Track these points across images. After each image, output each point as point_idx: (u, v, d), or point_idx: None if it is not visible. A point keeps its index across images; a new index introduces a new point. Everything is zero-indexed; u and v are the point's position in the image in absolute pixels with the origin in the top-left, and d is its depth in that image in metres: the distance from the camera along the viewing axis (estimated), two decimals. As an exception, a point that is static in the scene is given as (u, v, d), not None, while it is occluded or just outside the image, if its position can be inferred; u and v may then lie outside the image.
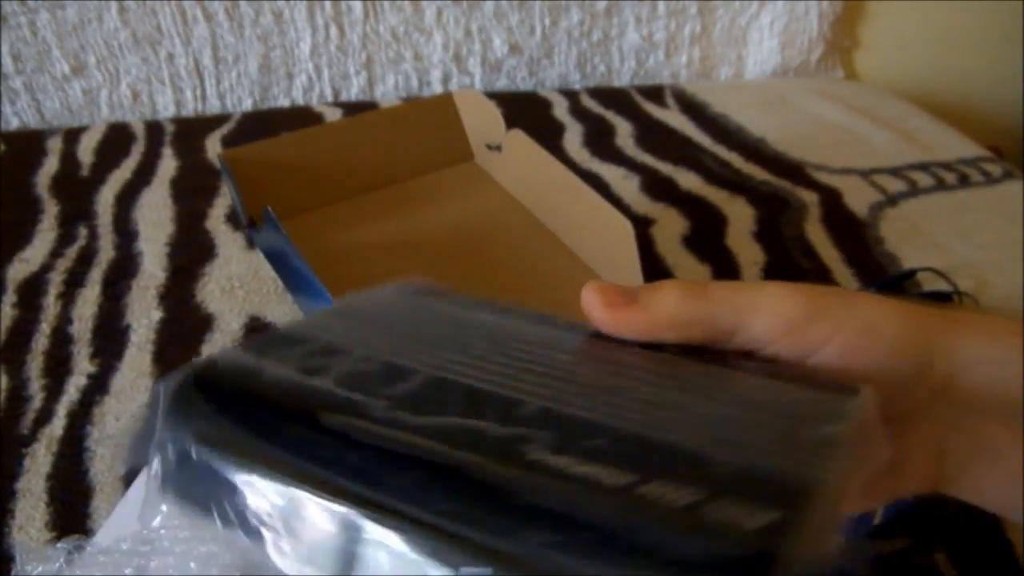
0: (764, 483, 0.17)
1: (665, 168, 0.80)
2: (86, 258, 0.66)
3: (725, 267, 0.66)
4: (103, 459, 0.48)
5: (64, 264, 0.65)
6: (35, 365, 0.55)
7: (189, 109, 0.95)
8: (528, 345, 0.23)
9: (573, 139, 0.86)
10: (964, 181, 0.80)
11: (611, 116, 0.92)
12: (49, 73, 0.90)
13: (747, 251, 0.68)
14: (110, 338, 0.57)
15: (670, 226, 0.71)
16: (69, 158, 0.81)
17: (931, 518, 0.40)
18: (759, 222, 0.72)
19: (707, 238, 0.69)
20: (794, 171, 0.81)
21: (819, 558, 0.17)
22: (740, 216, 0.73)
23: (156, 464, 0.20)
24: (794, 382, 0.21)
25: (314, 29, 0.93)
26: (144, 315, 0.59)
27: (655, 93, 0.99)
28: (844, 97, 0.99)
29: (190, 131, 0.87)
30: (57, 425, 0.50)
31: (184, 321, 0.59)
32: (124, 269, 0.64)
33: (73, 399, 0.52)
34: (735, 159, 0.83)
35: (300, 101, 0.97)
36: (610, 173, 0.79)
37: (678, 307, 0.23)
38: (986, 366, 0.23)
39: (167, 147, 0.84)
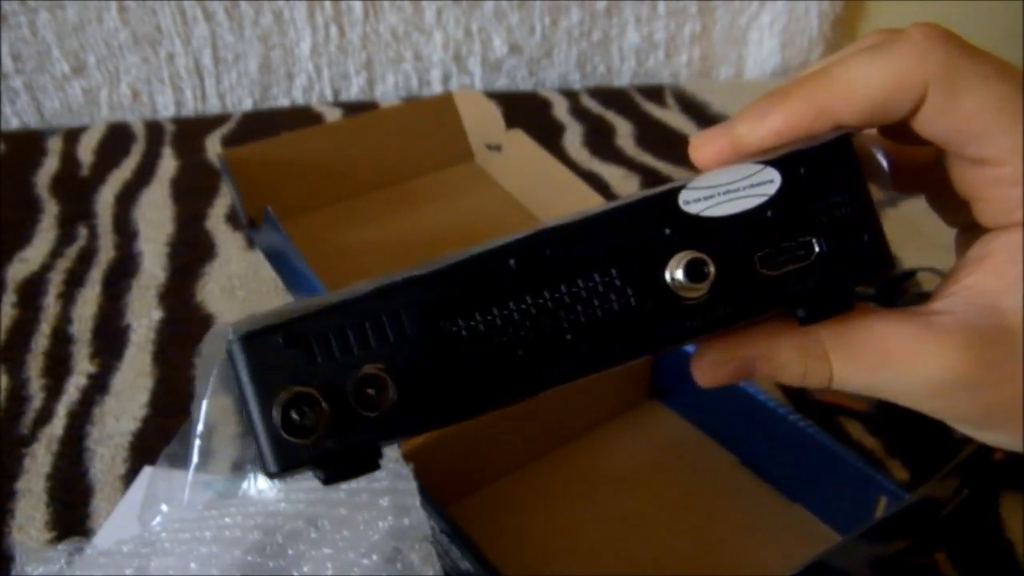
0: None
1: (665, 168, 0.80)
2: (86, 258, 0.66)
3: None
4: (103, 459, 0.48)
5: (64, 264, 0.65)
6: (35, 365, 0.55)
7: (189, 109, 0.95)
8: None
9: (573, 139, 0.86)
10: (964, 181, 0.80)
11: (611, 116, 0.92)
12: (49, 73, 0.90)
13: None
14: (110, 338, 0.57)
15: (670, 226, 0.71)
16: (69, 158, 0.81)
17: (931, 518, 0.40)
18: (759, 222, 0.72)
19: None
20: (794, 171, 0.81)
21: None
22: (740, 216, 0.73)
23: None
24: None
25: (314, 29, 0.93)
26: (144, 315, 0.59)
27: (655, 93, 0.99)
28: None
29: (190, 131, 0.87)
30: (57, 425, 0.50)
31: (184, 321, 0.59)
32: (124, 269, 0.64)
33: (73, 399, 0.52)
34: (735, 159, 0.83)
35: (300, 101, 0.97)
36: (610, 173, 0.79)
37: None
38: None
39: (167, 147, 0.84)
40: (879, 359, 0.22)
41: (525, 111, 0.92)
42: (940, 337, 0.21)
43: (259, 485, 0.40)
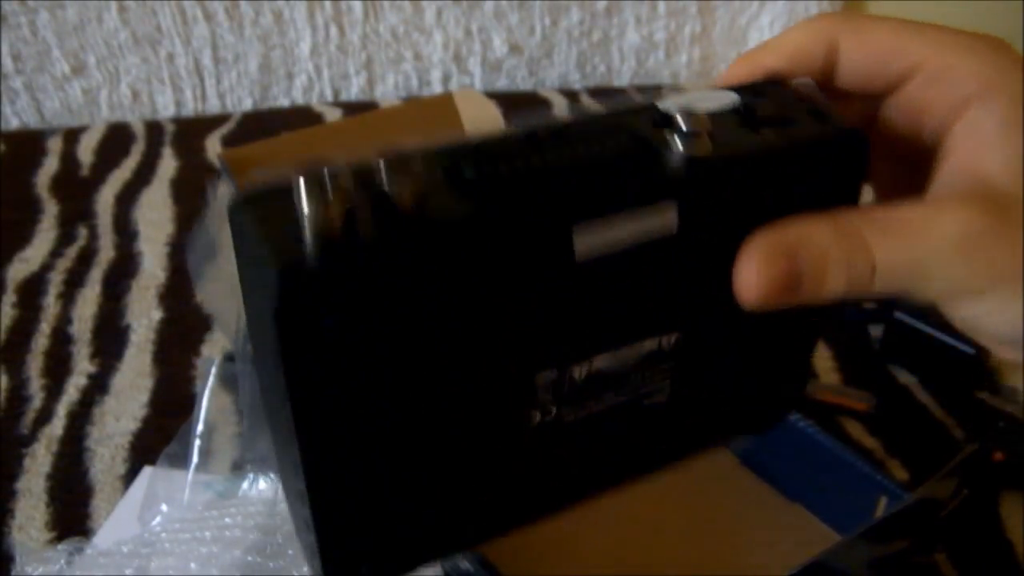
0: None
1: (665, 168, 0.80)
2: (86, 258, 0.66)
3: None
4: (103, 459, 0.48)
5: (64, 264, 0.65)
6: (35, 365, 0.55)
7: (189, 109, 0.95)
8: None
9: (573, 139, 0.86)
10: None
11: (611, 116, 0.91)
12: (49, 73, 0.90)
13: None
14: (110, 338, 0.57)
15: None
16: (69, 158, 0.81)
17: (931, 518, 0.40)
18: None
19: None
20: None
21: None
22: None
23: None
24: None
25: (314, 29, 0.93)
26: (144, 315, 0.59)
27: (655, 93, 0.99)
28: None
29: (190, 131, 0.87)
30: (57, 425, 0.50)
31: (184, 321, 0.59)
32: (124, 269, 0.64)
33: (73, 399, 0.52)
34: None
35: (300, 101, 0.97)
36: (610, 173, 0.79)
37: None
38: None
39: (167, 147, 0.84)
40: (910, 230, 0.23)
41: (525, 111, 0.92)
42: (946, 203, 0.23)
43: (259, 485, 0.40)
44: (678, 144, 0.22)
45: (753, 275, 0.23)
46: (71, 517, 0.45)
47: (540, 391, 0.24)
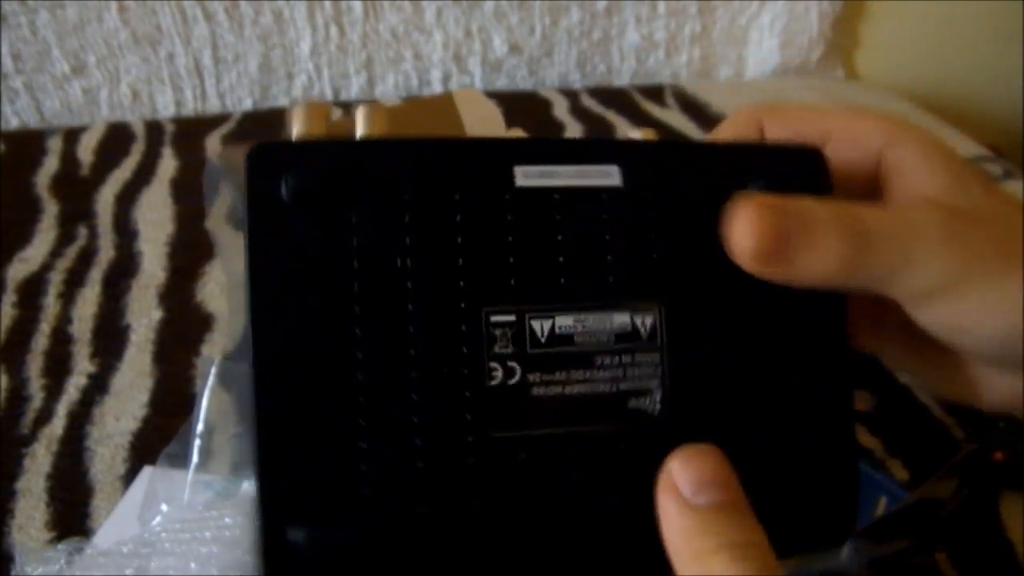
0: None
1: (665, 168, 0.80)
2: (86, 258, 0.66)
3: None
4: (103, 459, 0.48)
5: (64, 264, 0.65)
6: (35, 365, 0.55)
7: (189, 109, 0.95)
8: None
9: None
10: (964, 181, 0.80)
11: (611, 116, 0.92)
12: (49, 73, 0.90)
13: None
14: (110, 338, 0.57)
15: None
16: (69, 158, 0.81)
17: (931, 518, 0.40)
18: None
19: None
20: (794, 171, 0.81)
21: None
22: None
23: None
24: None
25: (314, 29, 0.93)
26: (144, 315, 0.59)
27: (655, 93, 0.99)
28: (844, 97, 0.99)
29: (190, 131, 0.87)
30: (57, 425, 0.50)
31: (184, 321, 0.59)
32: (124, 269, 0.64)
33: (73, 399, 0.52)
34: (735, 159, 0.83)
35: (300, 101, 0.97)
36: (610, 173, 0.79)
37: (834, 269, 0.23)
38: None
39: (167, 147, 0.84)
40: (893, 212, 0.24)
41: (525, 111, 0.91)
42: (913, 204, 0.25)
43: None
44: (628, 133, 0.26)
45: (744, 226, 0.23)
46: (71, 517, 0.45)
47: (496, 333, 0.23)
